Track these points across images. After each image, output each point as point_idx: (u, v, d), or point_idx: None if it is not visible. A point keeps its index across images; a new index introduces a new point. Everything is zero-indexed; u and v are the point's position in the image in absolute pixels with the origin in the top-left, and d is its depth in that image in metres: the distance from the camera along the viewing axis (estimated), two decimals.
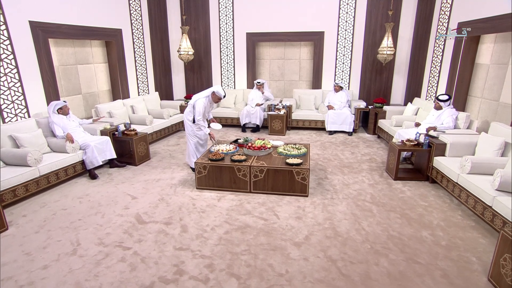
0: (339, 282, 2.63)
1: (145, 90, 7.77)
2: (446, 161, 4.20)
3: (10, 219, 3.58)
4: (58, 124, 4.73)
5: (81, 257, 2.94)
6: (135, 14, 7.17)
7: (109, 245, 3.11)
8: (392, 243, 3.16)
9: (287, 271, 2.76)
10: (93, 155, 4.70)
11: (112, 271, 2.74)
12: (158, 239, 3.22)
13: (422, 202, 4.03)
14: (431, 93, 6.64)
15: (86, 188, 4.42)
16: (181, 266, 2.82)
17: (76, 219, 3.60)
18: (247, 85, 8.47)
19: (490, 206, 3.27)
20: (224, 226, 3.47)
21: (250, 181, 4.22)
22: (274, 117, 7.15)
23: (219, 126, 5.03)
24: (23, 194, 3.93)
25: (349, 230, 3.39)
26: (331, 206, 3.90)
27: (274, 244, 3.13)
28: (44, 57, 5.14)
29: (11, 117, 4.74)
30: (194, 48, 8.22)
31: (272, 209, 3.83)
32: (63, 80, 5.89)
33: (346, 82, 7.99)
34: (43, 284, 2.59)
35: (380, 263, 2.86)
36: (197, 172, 4.33)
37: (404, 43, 7.48)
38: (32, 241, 3.19)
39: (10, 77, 4.69)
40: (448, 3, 6.00)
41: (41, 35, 5.06)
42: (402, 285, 2.60)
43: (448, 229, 3.41)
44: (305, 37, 7.89)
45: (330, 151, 6.03)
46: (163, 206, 3.91)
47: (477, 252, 3.01)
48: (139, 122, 6.34)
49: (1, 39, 4.53)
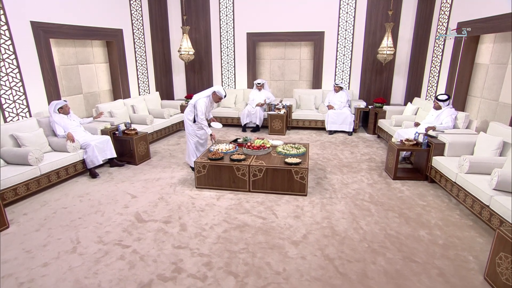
0: (336, 281, 2.65)
1: (145, 90, 7.80)
2: (445, 161, 4.21)
3: (11, 217, 3.62)
4: (59, 124, 4.77)
5: (80, 255, 2.97)
6: (136, 14, 7.21)
7: (109, 243, 3.14)
8: (390, 242, 3.18)
9: (285, 269, 2.78)
10: (94, 154, 4.73)
11: (111, 269, 2.77)
12: (157, 237, 3.25)
13: (420, 201, 4.04)
14: (431, 93, 6.64)
15: (87, 187, 4.46)
16: (179, 264, 2.84)
17: (76, 218, 3.63)
18: (247, 85, 8.49)
19: (487, 205, 3.28)
20: (222, 224, 3.49)
21: (249, 180, 4.25)
22: (274, 117, 7.17)
23: (219, 125, 5.07)
24: (24, 193, 3.97)
25: (347, 229, 3.41)
26: (329, 205, 3.92)
27: (272, 243, 3.16)
28: (45, 57, 5.18)
29: (12, 116, 4.78)
30: (195, 48, 8.25)
31: (270, 208, 3.85)
32: (64, 80, 5.93)
33: (346, 82, 8.00)
34: (43, 281, 2.63)
35: (377, 261, 2.88)
36: (197, 172, 4.36)
37: (404, 43, 7.49)
38: (32, 239, 3.23)
39: (12, 77, 4.73)
40: (448, 3, 6.00)
41: (43, 35, 5.10)
42: (399, 283, 2.61)
43: (445, 228, 3.42)
44: (305, 37, 7.91)
45: (330, 151, 6.05)
46: (162, 205, 3.94)
47: (474, 251, 3.03)
48: (140, 122, 6.38)
49: (3, 39, 4.57)
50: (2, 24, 4.53)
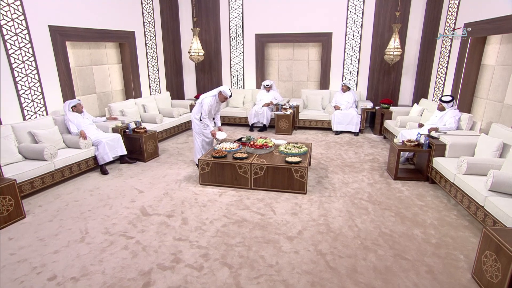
0: (326, 274, 2.76)
1: (156, 89, 8.07)
2: (445, 162, 4.24)
3: (27, 208, 3.90)
4: (73, 122, 5.05)
5: (88, 244, 3.19)
6: (148, 16, 7.47)
7: (114, 234, 3.35)
8: (383, 239, 3.26)
9: (277, 262, 2.91)
10: (105, 151, 4.99)
11: (115, 258, 2.98)
12: (160, 230, 3.44)
13: (419, 201, 4.08)
14: (437, 94, 6.62)
15: (97, 182, 4.71)
16: (178, 255, 3.02)
17: (86, 210, 3.87)
18: (255, 85, 8.64)
19: (482, 206, 3.31)
20: (222, 219, 3.65)
21: (251, 178, 4.39)
22: (280, 117, 7.29)
23: (223, 136, 5.21)
24: (39, 186, 4.24)
25: (342, 226, 3.51)
26: (327, 204, 4.02)
27: (267, 238, 3.29)
28: (61, 59, 5.48)
29: (30, 114, 5.09)
30: (205, 49, 8.45)
31: (270, 205, 3.98)
32: (79, 80, 6.24)
33: (354, 82, 8.03)
34: (53, 267, 2.85)
35: (368, 258, 2.97)
36: (201, 169, 4.54)
37: (413, 44, 7.46)
38: (46, 228, 3.48)
39: (31, 78, 5.04)
40: (455, 3, 5.97)
41: (59, 38, 5.40)
42: (387, 279, 2.70)
43: (440, 228, 3.47)
44: (313, 38, 7.99)
45: (334, 151, 6.12)
46: (167, 200, 4.14)
47: (466, 250, 3.07)
48: (150, 121, 6.63)
49: (24, 42, 4.88)
50: (23, 29, 4.84)
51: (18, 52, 4.82)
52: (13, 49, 4.75)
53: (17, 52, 4.80)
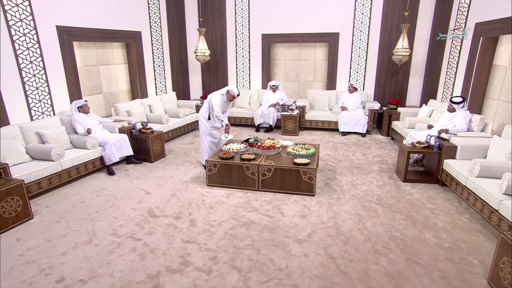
0: (337, 279, 2.71)
1: (162, 90, 8.06)
2: (456, 164, 4.16)
3: (35, 209, 3.89)
4: (80, 122, 5.04)
5: (96, 246, 3.17)
6: (154, 17, 7.46)
7: (122, 236, 3.32)
8: (394, 243, 3.20)
9: (287, 266, 2.87)
10: (111, 152, 4.97)
11: (123, 260, 2.95)
12: (167, 232, 3.41)
13: (429, 204, 4.01)
14: (446, 95, 6.52)
15: (104, 183, 4.70)
16: (187, 257, 2.98)
17: (93, 211, 3.85)
18: (262, 86, 8.60)
19: (496, 210, 3.23)
20: (230, 221, 3.61)
21: (259, 179, 4.35)
22: (287, 118, 7.24)
23: (229, 136, 5.16)
24: (47, 187, 4.24)
25: (352, 229, 3.45)
26: (336, 206, 3.96)
27: (277, 240, 3.25)
28: (68, 59, 5.48)
29: (38, 115, 5.09)
30: (211, 49, 8.43)
31: (278, 207, 3.94)
32: (86, 80, 6.24)
33: (361, 83, 7.96)
34: (61, 269, 2.83)
35: (379, 262, 2.92)
36: (208, 170, 4.50)
37: (421, 44, 7.37)
38: (53, 229, 3.46)
39: (38, 78, 5.04)
40: (466, 3, 5.88)
41: (66, 38, 5.40)
42: (399, 284, 2.65)
43: (453, 231, 3.40)
44: (320, 38, 7.93)
45: (342, 152, 6.06)
46: (174, 201, 4.11)
47: (480, 255, 3.00)
48: (156, 121, 6.61)
49: (32, 43, 4.88)
50: (31, 29, 4.84)
51: (26, 53, 4.83)
52: (21, 50, 4.76)
53: (25, 53, 4.81)
